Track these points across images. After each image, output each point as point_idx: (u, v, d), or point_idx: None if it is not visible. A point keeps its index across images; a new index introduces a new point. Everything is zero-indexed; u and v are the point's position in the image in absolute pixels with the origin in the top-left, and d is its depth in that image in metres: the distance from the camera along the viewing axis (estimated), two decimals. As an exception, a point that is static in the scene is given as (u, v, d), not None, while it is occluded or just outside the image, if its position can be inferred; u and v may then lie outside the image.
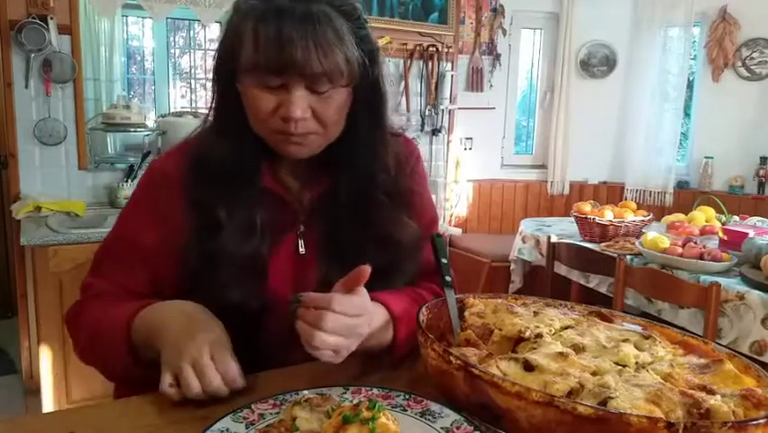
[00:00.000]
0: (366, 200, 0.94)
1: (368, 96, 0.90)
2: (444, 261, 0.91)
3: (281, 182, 0.96)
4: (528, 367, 0.69)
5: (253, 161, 0.91)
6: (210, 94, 0.93)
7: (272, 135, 0.87)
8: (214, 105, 0.93)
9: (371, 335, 0.84)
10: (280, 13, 0.80)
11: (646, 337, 0.80)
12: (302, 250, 0.95)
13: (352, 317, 0.76)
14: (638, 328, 0.84)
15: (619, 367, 0.72)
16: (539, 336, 0.78)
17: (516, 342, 0.79)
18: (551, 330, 0.81)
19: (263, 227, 0.90)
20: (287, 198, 0.95)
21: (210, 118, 0.93)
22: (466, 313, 0.88)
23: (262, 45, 0.80)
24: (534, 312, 0.87)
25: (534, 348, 0.75)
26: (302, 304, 0.76)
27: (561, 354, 0.71)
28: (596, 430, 0.57)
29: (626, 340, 0.79)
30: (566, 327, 0.83)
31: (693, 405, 0.62)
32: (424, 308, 0.84)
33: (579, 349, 0.76)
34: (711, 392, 0.65)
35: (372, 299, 0.84)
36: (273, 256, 0.92)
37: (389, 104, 0.96)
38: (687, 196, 4.04)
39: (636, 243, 2.54)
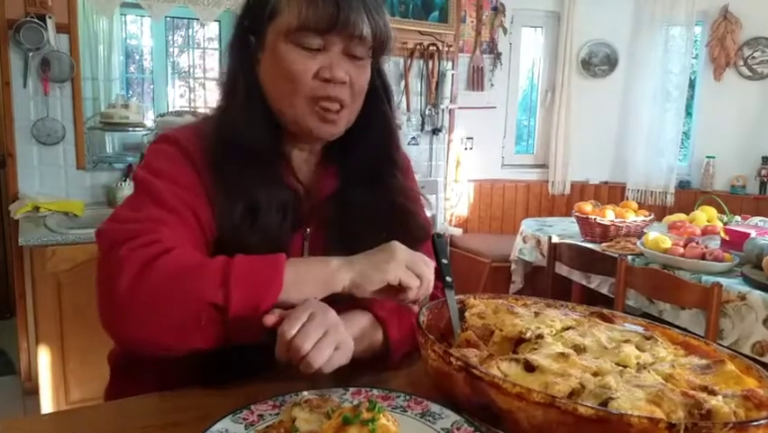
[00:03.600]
0: (382, 172, 0.96)
1: (380, 79, 0.95)
2: (445, 261, 0.91)
3: (296, 177, 0.94)
4: (529, 368, 0.69)
5: (277, 148, 0.90)
6: (220, 78, 0.93)
7: (306, 104, 0.86)
8: (226, 88, 0.90)
9: (363, 335, 0.84)
10: None
11: (648, 338, 0.80)
12: (306, 255, 0.93)
13: (310, 321, 0.72)
14: (639, 329, 0.85)
15: (620, 368, 0.72)
16: (540, 336, 0.78)
17: (517, 343, 0.79)
18: (552, 331, 0.81)
19: (284, 219, 0.88)
20: (300, 193, 0.93)
21: (221, 104, 0.91)
22: (467, 314, 0.88)
23: (320, 3, 0.81)
24: (534, 313, 0.87)
25: (535, 349, 0.75)
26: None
27: (562, 354, 0.71)
28: (597, 431, 0.57)
29: (627, 341, 0.79)
30: (567, 328, 0.83)
31: (694, 406, 0.62)
32: (424, 309, 0.84)
33: (580, 350, 0.76)
34: (713, 393, 0.65)
35: (356, 306, 0.85)
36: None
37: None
38: (688, 196, 4.04)
39: (638, 243, 2.53)
